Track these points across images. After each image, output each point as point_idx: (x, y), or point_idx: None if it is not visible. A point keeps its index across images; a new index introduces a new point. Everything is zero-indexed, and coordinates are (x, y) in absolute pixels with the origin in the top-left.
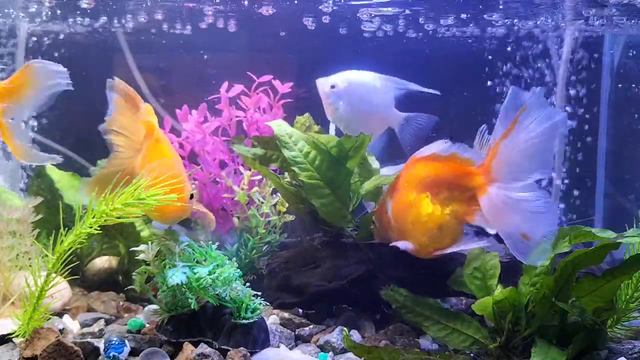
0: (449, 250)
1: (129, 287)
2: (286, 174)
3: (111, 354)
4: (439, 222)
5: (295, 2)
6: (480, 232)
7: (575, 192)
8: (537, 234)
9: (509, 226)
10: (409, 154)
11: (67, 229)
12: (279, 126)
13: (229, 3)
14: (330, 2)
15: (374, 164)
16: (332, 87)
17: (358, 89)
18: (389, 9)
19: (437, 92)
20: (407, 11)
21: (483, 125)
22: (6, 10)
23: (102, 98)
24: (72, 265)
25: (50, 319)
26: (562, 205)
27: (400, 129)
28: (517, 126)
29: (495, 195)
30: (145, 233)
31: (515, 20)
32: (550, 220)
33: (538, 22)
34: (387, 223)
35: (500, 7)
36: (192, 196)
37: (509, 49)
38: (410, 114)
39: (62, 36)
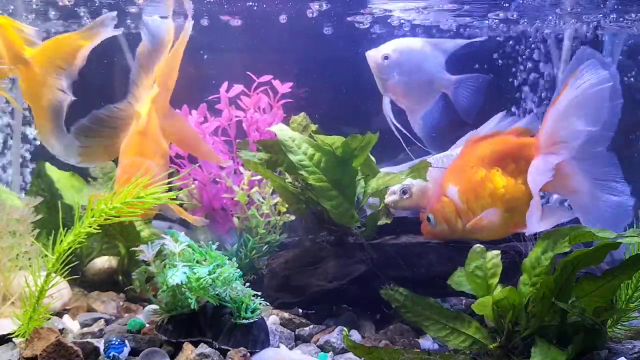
0: (536, 229)
1: (129, 287)
2: (287, 174)
3: (111, 354)
4: (514, 192)
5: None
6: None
7: None
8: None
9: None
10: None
11: (67, 228)
12: (281, 130)
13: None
14: None
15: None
16: (386, 58)
17: (410, 56)
18: None
19: (484, 38)
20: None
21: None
22: None
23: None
24: (72, 265)
25: (50, 319)
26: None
27: (454, 93)
28: (566, 91)
29: (536, 164)
30: (145, 233)
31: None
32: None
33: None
34: (451, 213)
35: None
36: None
37: (503, 47)
38: (461, 76)
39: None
